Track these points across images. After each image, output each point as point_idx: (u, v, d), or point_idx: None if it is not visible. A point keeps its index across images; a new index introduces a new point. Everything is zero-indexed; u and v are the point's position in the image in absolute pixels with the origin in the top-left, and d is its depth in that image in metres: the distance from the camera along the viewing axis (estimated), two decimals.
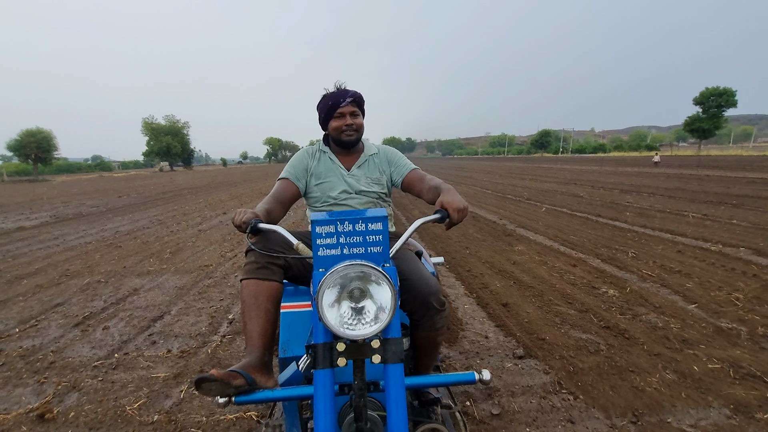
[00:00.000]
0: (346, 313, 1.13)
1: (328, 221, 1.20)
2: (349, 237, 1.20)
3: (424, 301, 1.48)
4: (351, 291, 1.14)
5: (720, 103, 48.67)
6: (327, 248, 1.20)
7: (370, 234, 1.21)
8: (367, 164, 2.02)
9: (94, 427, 2.27)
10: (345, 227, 1.20)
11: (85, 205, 14.84)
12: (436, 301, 1.50)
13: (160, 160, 72.91)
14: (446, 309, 1.56)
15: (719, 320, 3.32)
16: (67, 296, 4.55)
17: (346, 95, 1.89)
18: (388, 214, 1.98)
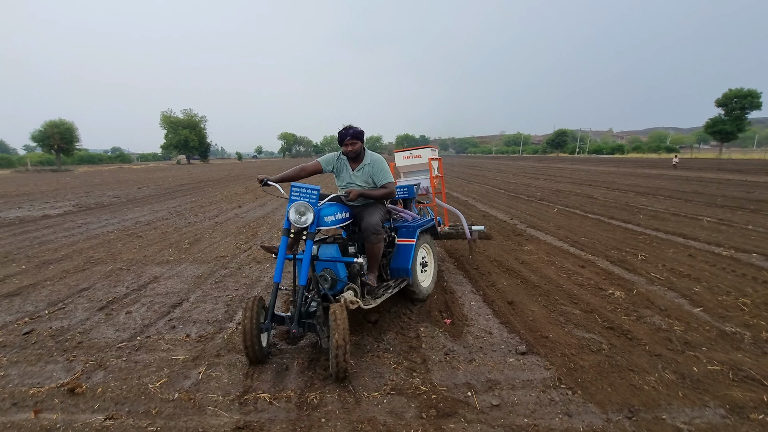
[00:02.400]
0: (295, 217, 2.87)
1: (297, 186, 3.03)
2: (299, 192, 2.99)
3: (364, 228, 3.31)
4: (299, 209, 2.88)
5: (743, 105, 47.18)
6: (295, 195, 2.99)
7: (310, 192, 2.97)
8: (363, 170, 3.53)
9: (119, 402, 2.46)
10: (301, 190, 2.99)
11: (107, 195, 15.33)
12: (371, 228, 3.27)
13: (178, 152, 74.29)
14: (379, 233, 3.31)
15: (724, 324, 3.35)
16: (91, 282, 4.80)
17: (347, 134, 3.43)
18: None
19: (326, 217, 3.11)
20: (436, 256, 4.34)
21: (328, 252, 3.31)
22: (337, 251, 3.33)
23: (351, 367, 2.68)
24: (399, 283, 3.60)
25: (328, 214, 3.13)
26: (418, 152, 5.44)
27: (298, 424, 2.22)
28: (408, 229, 3.83)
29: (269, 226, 8.15)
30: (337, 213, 3.23)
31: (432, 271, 4.23)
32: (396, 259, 3.75)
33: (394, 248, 3.80)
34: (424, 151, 5.41)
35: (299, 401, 2.42)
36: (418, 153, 5.44)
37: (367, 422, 2.22)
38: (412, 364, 2.84)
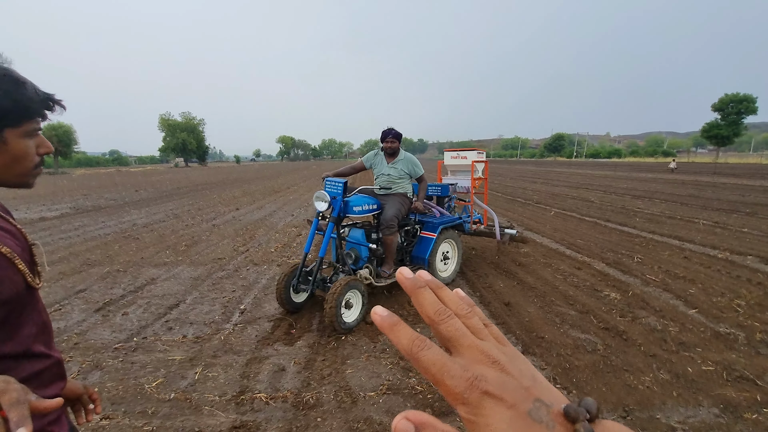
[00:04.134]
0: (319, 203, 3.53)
1: (329, 180, 3.69)
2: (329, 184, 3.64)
3: (381, 221, 3.84)
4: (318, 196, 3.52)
5: (740, 109, 47.52)
6: (327, 186, 3.66)
7: (337, 185, 3.57)
8: (397, 163, 4.13)
9: (116, 402, 2.46)
10: (330, 183, 3.64)
11: (104, 198, 15.29)
12: (385, 223, 3.79)
13: (176, 155, 74.25)
14: (391, 227, 3.80)
15: (718, 325, 3.37)
16: (88, 283, 4.79)
17: (389, 134, 4.09)
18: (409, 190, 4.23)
19: (355, 207, 3.66)
20: (460, 252, 4.72)
21: (355, 235, 4.01)
22: (362, 235, 3.98)
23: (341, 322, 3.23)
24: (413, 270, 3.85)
25: (356, 204, 3.68)
26: (465, 153, 5.65)
27: (295, 424, 2.22)
28: (432, 225, 4.31)
29: (267, 228, 8.15)
30: (365, 204, 3.77)
31: (454, 264, 4.67)
32: (417, 248, 4.33)
33: (417, 238, 4.37)
34: (470, 153, 5.60)
35: (296, 401, 2.43)
36: (464, 154, 5.66)
37: (364, 422, 2.23)
38: (409, 364, 2.84)
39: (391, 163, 4.14)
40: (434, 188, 5.02)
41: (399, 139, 4.13)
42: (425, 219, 4.43)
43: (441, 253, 4.46)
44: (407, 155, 4.16)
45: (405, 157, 4.14)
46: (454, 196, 5.24)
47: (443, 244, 4.45)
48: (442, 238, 4.32)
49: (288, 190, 17.35)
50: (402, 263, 4.30)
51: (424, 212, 4.10)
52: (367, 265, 3.83)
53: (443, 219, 4.47)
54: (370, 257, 3.89)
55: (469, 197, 5.45)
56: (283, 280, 3.56)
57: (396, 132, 4.10)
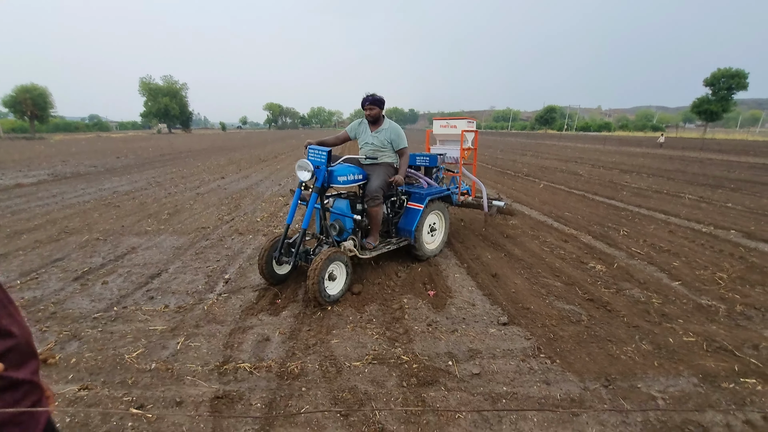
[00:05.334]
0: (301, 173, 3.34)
1: (312, 148, 3.47)
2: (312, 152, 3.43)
3: (366, 192, 3.69)
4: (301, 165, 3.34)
5: (731, 85, 47.51)
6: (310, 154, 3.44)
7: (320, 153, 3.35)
8: (381, 132, 3.92)
9: (94, 372, 2.39)
10: (314, 151, 3.42)
11: (83, 164, 14.75)
12: (370, 194, 3.64)
13: (158, 121, 71.74)
14: (375, 198, 3.63)
15: (700, 297, 3.43)
16: (66, 252, 4.63)
17: (368, 100, 3.84)
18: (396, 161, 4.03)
19: (339, 177, 3.52)
20: (447, 223, 4.61)
21: (340, 206, 3.82)
22: (347, 206, 3.80)
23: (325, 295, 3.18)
24: (400, 242, 4.07)
25: (341, 174, 3.53)
26: (455, 122, 5.43)
27: (278, 393, 2.20)
28: (419, 196, 4.16)
29: (253, 198, 7.98)
30: (350, 174, 3.62)
31: (441, 236, 4.59)
32: (403, 220, 4.18)
33: (403, 210, 4.22)
34: (459, 122, 5.38)
35: (280, 371, 2.40)
36: (454, 123, 5.43)
37: (348, 391, 2.22)
38: (395, 334, 2.84)
39: (375, 131, 3.95)
40: (422, 158, 4.87)
41: (380, 106, 3.88)
42: (412, 190, 4.28)
43: (428, 224, 4.35)
44: (392, 125, 3.95)
45: (389, 126, 3.94)
46: (442, 166, 5.11)
47: (430, 216, 4.34)
48: (429, 210, 4.19)
49: (275, 159, 16.97)
50: (388, 235, 4.20)
51: (402, 185, 3.83)
52: (352, 236, 3.71)
53: (431, 190, 4.33)
54: (355, 229, 3.77)
55: (458, 168, 5.34)
56: (264, 253, 3.45)
57: (375, 98, 3.86)
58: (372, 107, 3.86)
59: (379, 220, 3.79)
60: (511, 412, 2.05)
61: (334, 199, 3.92)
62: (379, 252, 3.80)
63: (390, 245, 3.96)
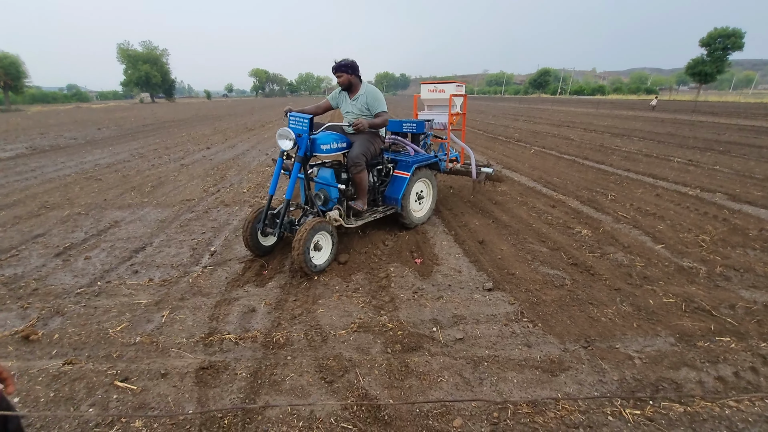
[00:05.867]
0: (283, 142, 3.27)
1: (293, 115, 3.34)
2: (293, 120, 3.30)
3: (348, 159, 3.58)
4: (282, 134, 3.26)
5: (726, 45, 46.69)
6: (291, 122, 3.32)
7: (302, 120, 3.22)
8: (359, 99, 3.75)
9: (78, 347, 2.39)
10: (295, 119, 3.29)
11: (63, 136, 14.27)
12: (352, 161, 3.54)
13: (140, 90, 69.11)
14: (358, 165, 3.53)
15: (682, 260, 3.48)
16: (47, 227, 4.53)
17: (337, 68, 3.66)
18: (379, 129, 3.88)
19: (322, 146, 3.39)
20: (435, 191, 4.57)
21: (324, 175, 3.76)
22: (332, 175, 3.71)
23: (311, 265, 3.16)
24: (387, 210, 4.05)
25: (324, 142, 3.41)
26: (443, 86, 5.23)
27: (264, 363, 2.22)
28: (405, 164, 4.08)
29: (239, 168, 7.82)
30: (333, 142, 3.50)
31: (429, 204, 4.55)
32: (390, 188, 4.10)
33: (390, 178, 4.15)
34: (447, 86, 5.17)
35: (265, 341, 2.41)
36: (442, 87, 5.23)
37: (333, 358, 2.24)
38: (381, 302, 2.86)
39: (353, 98, 3.79)
40: (408, 125, 4.72)
41: (348, 71, 3.67)
42: (398, 158, 4.20)
43: (415, 192, 4.29)
44: (369, 89, 3.75)
45: (366, 91, 3.74)
46: (430, 133, 4.97)
47: (417, 184, 4.28)
48: (416, 178, 4.14)
49: (262, 128, 16.56)
50: (374, 204, 4.14)
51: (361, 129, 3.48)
52: (337, 206, 3.63)
53: (417, 157, 4.25)
54: (340, 198, 3.70)
55: (446, 134, 5.21)
56: (248, 225, 3.39)
57: (343, 63, 3.64)
58: (340, 74, 3.67)
59: (365, 186, 3.69)
60: (492, 374, 2.10)
61: (318, 168, 3.81)
62: (365, 221, 3.77)
63: (377, 214, 3.94)
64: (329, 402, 1.93)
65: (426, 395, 1.96)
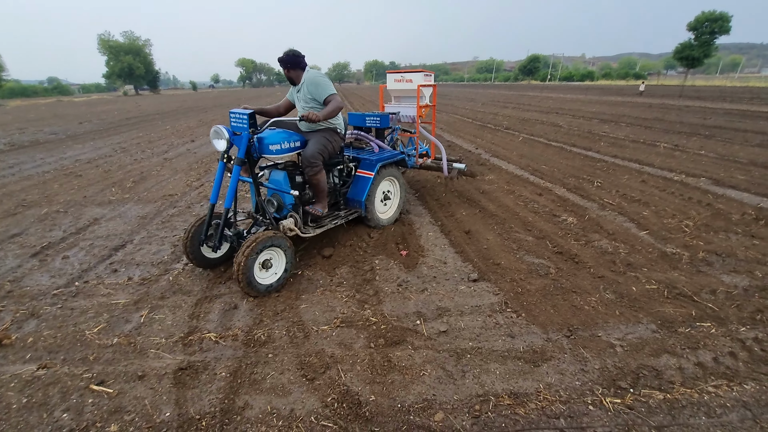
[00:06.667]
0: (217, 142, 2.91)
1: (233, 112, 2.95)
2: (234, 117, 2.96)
3: (303, 160, 3.21)
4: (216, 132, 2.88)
5: (713, 29, 46.86)
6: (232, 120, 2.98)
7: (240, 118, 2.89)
8: (302, 89, 3.34)
9: (53, 350, 2.32)
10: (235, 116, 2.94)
11: (43, 131, 13.88)
12: (306, 162, 3.19)
13: (123, 82, 67.44)
14: (314, 165, 3.18)
15: (666, 246, 3.51)
16: (24, 226, 4.41)
17: (282, 64, 3.28)
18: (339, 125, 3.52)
19: (271, 145, 3.02)
20: (402, 190, 4.26)
21: (276, 178, 3.31)
22: (284, 179, 3.28)
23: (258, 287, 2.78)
24: (349, 214, 3.72)
25: (273, 142, 3.04)
26: (410, 76, 4.81)
27: (245, 361, 2.18)
28: (369, 162, 3.77)
29: None
30: (284, 141, 3.13)
31: (396, 203, 4.23)
32: (352, 190, 3.80)
33: (352, 178, 3.83)
34: (415, 75, 4.77)
35: (246, 339, 2.37)
36: (409, 77, 4.82)
37: (315, 355, 2.21)
38: (365, 296, 2.83)
39: (298, 91, 3.38)
40: (372, 119, 4.35)
41: (290, 65, 3.24)
42: (361, 156, 3.85)
43: (381, 192, 3.98)
44: (308, 76, 3.28)
45: (305, 79, 3.28)
46: (397, 127, 4.66)
47: (383, 183, 3.95)
48: (381, 177, 3.81)
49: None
50: (336, 207, 3.82)
51: (313, 120, 2.99)
52: (292, 213, 3.22)
53: (382, 155, 3.91)
54: (295, 203, 3.32)
55: (415, 128, 4.87)
56: (188, 237, 3.00)
57: (288, 57, 3.21)
58: (287, 70, 3.30)
59: (324, 188, 3.34)
60: (475, 366, 2.09)
61: (270, 170, 3.36)
62: (325, 228, 3.40)
63: (338, 219, 3.59)
64: (310, 400, 1.90)
65: (408, 390, 1.94)
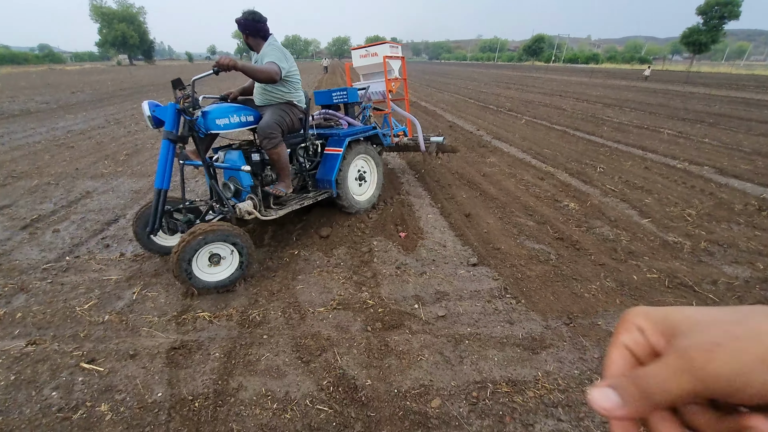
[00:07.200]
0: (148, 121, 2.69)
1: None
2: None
3: (259, 132, 2.85)
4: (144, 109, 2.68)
5: (723, 13, 45.86)
6: None
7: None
8: (261, 56, 2.97)
9: (42, 326, 2.27)
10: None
11: (34, 100, 13.52)
12: (262, 133, 2.84)
13: (117, 52, 65.61)
14: (271, 137, 2.85)
15: (668, 234, 3.46)
16: (13, 198, 4.30)
17: (238, 27, 2.95)
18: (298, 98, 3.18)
19: (218, 120, 2.69)
20: (380, 169, 3.97)
21: (231, 158, 2.99)
22: (240, 158, 2.98)
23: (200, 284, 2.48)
24: (318, 195, 3.44)
25: (219, 116, 2.71)
26: (375, 49, 4.48)
27: (239, 342, 2.14)
28: (336, 138, 3.50)
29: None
30: (233, 115, 2.79)
31: (374, 184, 3.96)
32: (321, 169, 3.51)
33: (320, 157, 3.56)
34: (380, 47, 4.46)
35: (241, 319, 2.33)
36: (374, 51, 4.49)
37: (311, 337, 2.18)
38: (362, 278, 2.78)
39: (258, 55, 3.01)
40: (339, 94, 3.96)
41: (255, 33, 2.94)
42: (328, 132, 3.56)
43: (356, 172, 3.73)
44: (265, 49, 2.95)
45: (263, 51, 2.96)
46: (368, 104, 4.31)
47: (357, 161, 3.70)
48: (353, 154, 3.55)
49: None
50: (304, 189, 3.52)
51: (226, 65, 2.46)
52: (251, 195, 2.95)
53: (350, 130, 3.63)
54: (255, 186, 3.00)
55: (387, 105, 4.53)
56: (137, 221, 2.79)
57: (245, 21, 2.88)
58: (245, 37, 2.99)
59: (285, 162, 3.01)
60: (473, 353, 2.06)
61: (224, 151, 3.07)
62: (289, 209, 3.12)
63: (306, 200, 3.32)
64: (305, 383, 1.87)
65: (405, 375, 1.92)
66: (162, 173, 2.53)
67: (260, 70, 2.70)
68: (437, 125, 8.76)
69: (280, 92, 3.06)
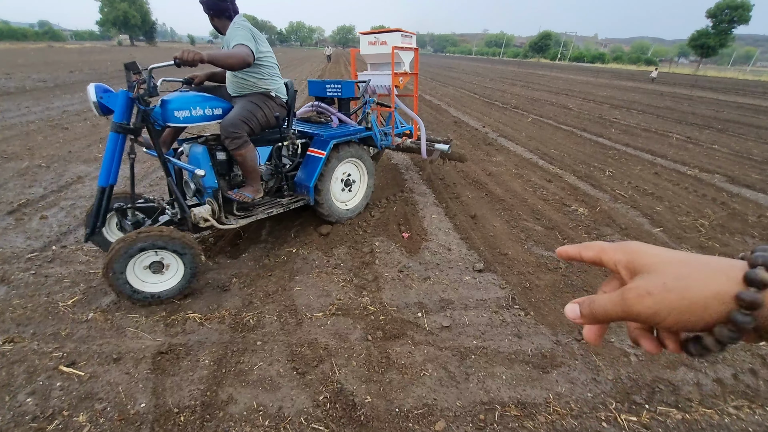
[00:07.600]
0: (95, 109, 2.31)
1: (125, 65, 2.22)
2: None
3: (222, 129, 2.48)
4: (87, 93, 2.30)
5: (732, 17, 45.44)
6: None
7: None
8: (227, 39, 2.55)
9: (22, 323, 2.14)
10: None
11: (31, 78, 13.24)
12: (225, 132, 2.47)
13: (118, 32, 64.60)
14: (234, 136, 2.47)
15: (680, 245, 3.34)
16: (1, 180, 4.14)
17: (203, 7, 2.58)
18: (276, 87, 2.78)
19: (177, 112, 2.31)
20: (371, 175, 3.59)
21: (195, 154, 2.61)
22: (204, 154, 2.57)
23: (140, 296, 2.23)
24: (293, 202, 3.07)
25: (180, 107, 2.33)
26: (385, 37, 4.01)
27: (231, 348, 2.01)
28: (321, 139, 3.09)
29: None
30: (197, 107, 2.40)
31: (361, 191, 3.59)
32: (301, 173, 3.09)
33: (302, 159, 3.15)
34: (390, 36, 3.96)
35: (234, 322, 2.20)
36: (384, 38, 4.02)
37: (308, 345, 2.05)
38: (363, 281, 2.65)
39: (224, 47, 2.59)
40: (333, 87, 3.56)
41: (219, 12, 2.55)
42: (314, 131, 3.16)
43: (342, 176, 3.35)
44: (232, 29, 2.53)
45: (228, 34, 2.56)
46: (371, 99, 3.75)
47: (343, 166, 3.32)
48: (339, 158, 3.17)
49: None
50: (279, 193, 3.14)
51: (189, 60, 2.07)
52: (210, 199, 2.62)
53: (338, 131, 3.21)
54: (217, 189, 2.63)
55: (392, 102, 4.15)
56: (90, 222, 2.35)
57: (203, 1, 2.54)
58: (210, 18, 2.63)
59: (252, 165, 2.63)
60: (480, 369, 1.94)
61: (189, 145, 2.69)
62: (254, 217, 2.78)
63: (276, 207, 2.95)
64: (300, 397, 1.74)
65: (407, 392, 1.79)
66: (108, 168, 2.21)
67: (229, 56, 2.31)
68: (442, 120, 8.58)
69: (253, 79, 2.65)
